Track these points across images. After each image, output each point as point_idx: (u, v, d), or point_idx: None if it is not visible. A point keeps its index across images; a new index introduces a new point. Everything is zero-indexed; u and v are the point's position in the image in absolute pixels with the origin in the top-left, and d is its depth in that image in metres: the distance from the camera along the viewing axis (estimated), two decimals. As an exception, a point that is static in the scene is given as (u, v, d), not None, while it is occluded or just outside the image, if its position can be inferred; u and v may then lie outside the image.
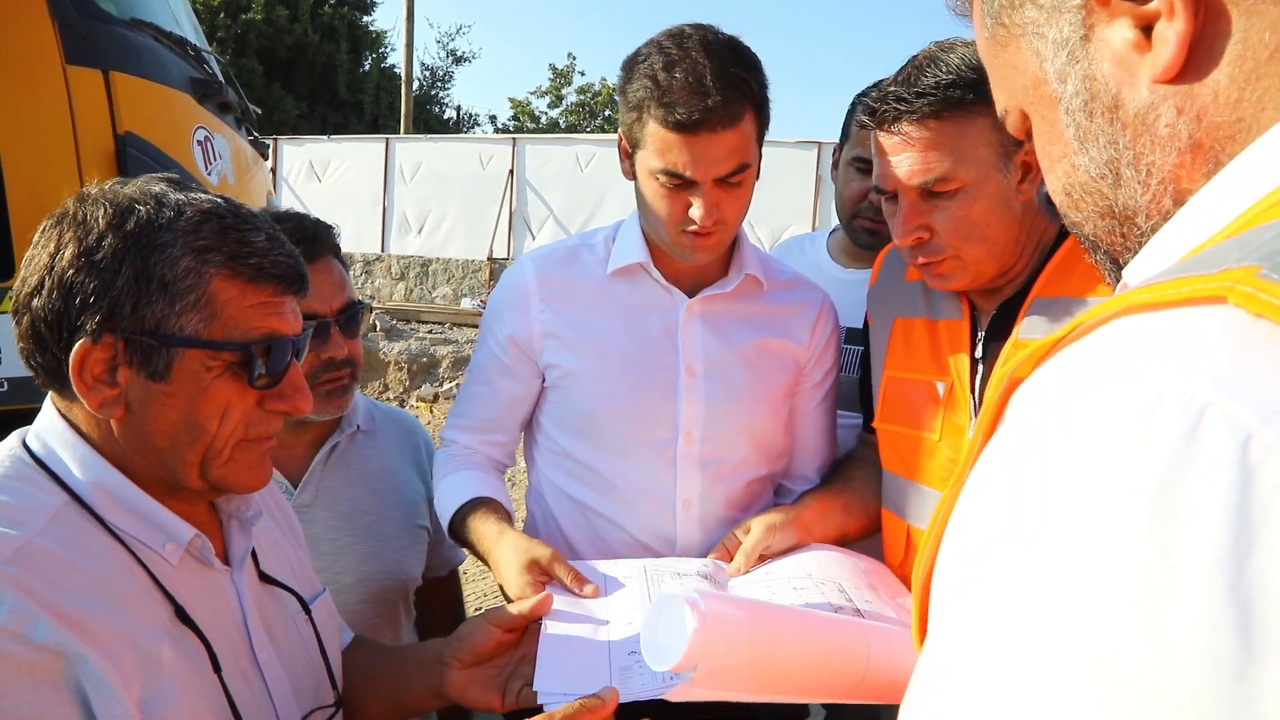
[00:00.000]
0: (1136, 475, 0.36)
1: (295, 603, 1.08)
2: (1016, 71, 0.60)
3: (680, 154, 1.28)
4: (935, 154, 1.21)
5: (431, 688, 1.15)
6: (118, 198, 0.87)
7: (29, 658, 0.74)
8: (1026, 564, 0.39)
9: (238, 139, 3.28)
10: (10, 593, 0.75)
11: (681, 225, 1.34)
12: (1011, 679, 0.37)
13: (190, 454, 0.89)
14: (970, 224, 1.23)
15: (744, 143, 1.30)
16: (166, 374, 0.86)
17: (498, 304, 1.55)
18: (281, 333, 0.91)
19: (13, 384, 2.28)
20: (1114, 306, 0.44)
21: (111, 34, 2.47)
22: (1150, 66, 0.51)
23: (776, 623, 1.02)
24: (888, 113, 1.23)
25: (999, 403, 0.48)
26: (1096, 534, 0.36)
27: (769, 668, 0.97)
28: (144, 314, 0.85)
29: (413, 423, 1.78)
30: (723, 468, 1.46)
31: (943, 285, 1.33)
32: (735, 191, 1.33)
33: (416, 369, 8.84)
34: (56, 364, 0.86)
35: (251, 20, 19.61)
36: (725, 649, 0.91)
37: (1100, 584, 0.35)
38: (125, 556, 0.87)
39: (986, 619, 0.40)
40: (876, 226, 1.82)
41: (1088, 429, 0.39)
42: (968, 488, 0.46)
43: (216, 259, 0.87)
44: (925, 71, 1.21)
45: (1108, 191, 0.57)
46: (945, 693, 0.42)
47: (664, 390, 1.44)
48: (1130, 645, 0.34)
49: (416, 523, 1.65)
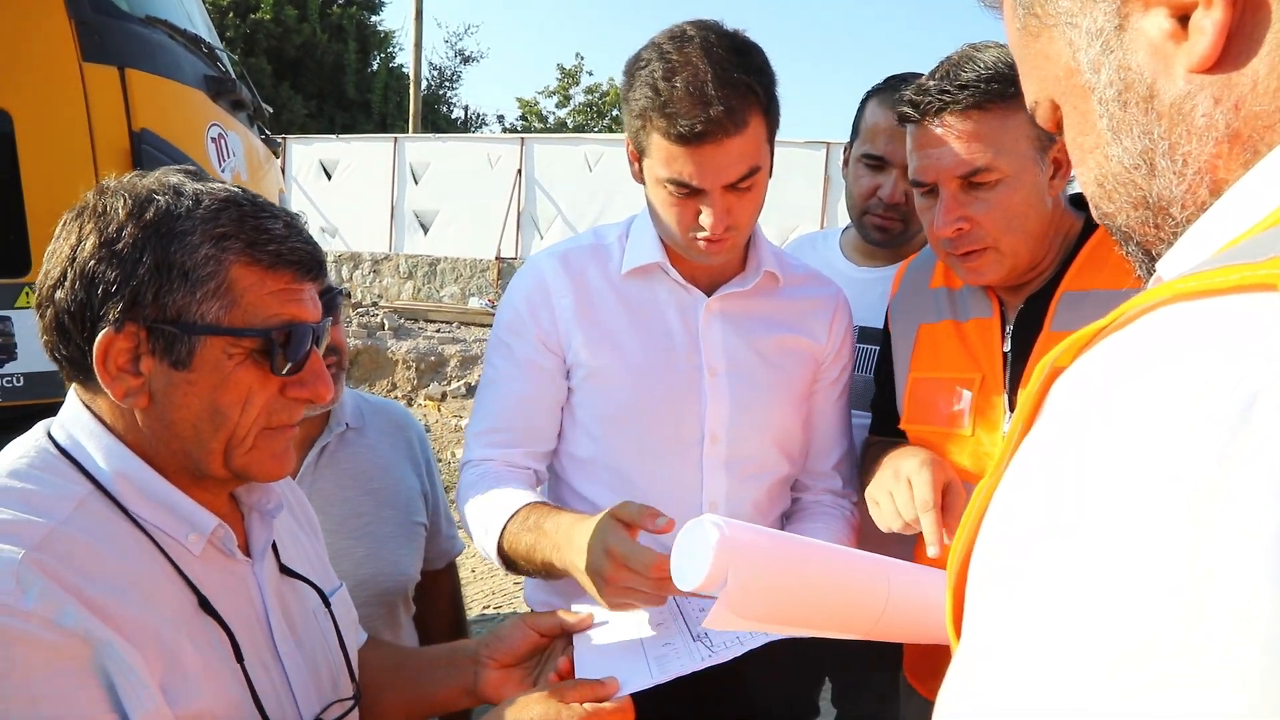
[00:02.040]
0: (1186, 459, 0.35)
1: (315, 596, 1.08)
2: (1048, 62, 0.60)
3: (685, 164, 1.25)
4: (978, 145, 1.24)
5: (464, 687, 1.16)
6: (136, 189, 0.88)
7: (57, 643, 0.75)
8: (1071, 553, 0.38)
9: (251, 136, 3.30)
10: (39, 579, 0.75)
11: (692, 232, 1.32)
12: (1053, 668, 0.37)
13: (214, 442, 0.90)
14: (1011, 214, 1.26)
15: (752, 147, 1.27)
16: (189, 362, 0.87)
17: (518, 305, 1.47)
18: (301, 319, 0.92)
19: (29, 379, 2.29)
20: (1159, 295, 0.44)
21: (127, 31, 2.48)
22: (1187, 56, 0.51)
23: (798, 547, 1.04)
24: (931, 104, 1.26)
25: (1039, 392, 0.48)
26: (1144, 518, 0.36)
27: (791, 591, 0.98)
28: (165, 302, 0.85)
29: (403, 414, 1.74)
30: (748, 468, 1.45)
31: (977, 279, 1.34)
32: (746, 195, 1.31)
33: (424, 368, 8.86)
34: (80, 355, 0.87)
35: (260, 20, 19.70)
36: (748, 565, 0.93)
37: (1145, 570, 0.35)
38: (148, 546, 0.88)
39: (1031, 607, 0.39)
40: (886, 223, 1.82)
41: (1135, 414, 0.38)
42: (1008, 477, 0.46)
43: (235, 246, 0.87)
44: (964, 67, 1.24)
45: (1142, 182, 0.56)
46: (986, 682, 0.41)
47: (688, 391, 1.42)
48: (1175, 632, 0.34)
49: (413, 520, 1.62)
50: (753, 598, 0.94)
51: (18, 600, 0.74)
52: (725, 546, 0.91)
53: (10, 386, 2.27)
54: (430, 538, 1.68)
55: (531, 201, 13.64)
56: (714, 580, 0.91)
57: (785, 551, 1.01)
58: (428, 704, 1.21)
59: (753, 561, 0.94)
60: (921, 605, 1.05)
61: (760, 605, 0.95)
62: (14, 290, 2.25)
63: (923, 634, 1.09)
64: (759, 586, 0.95)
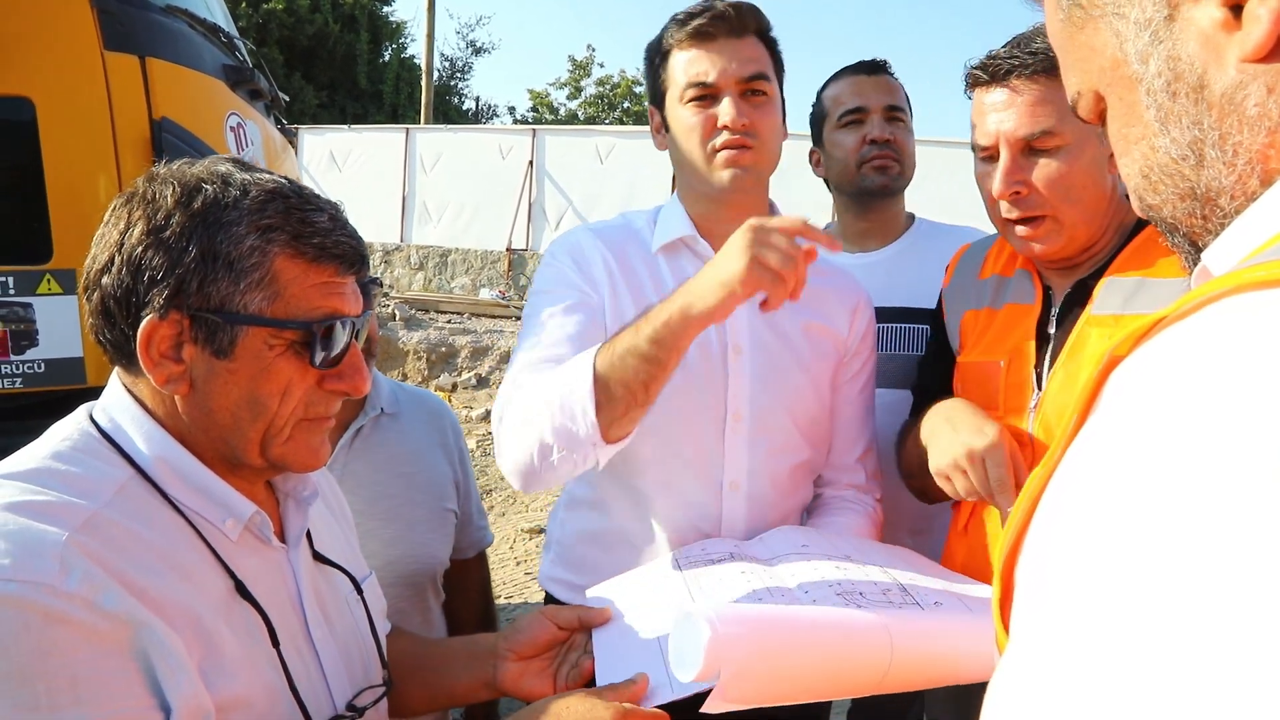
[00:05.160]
0: (1261, 444, 0.35)
1: (348, 583, 1.09)
2: (1094, 53, 0.60)
3: (700, 62, 1.40)
4: (1043, 108, 1.27)
5: (484, 679, 1.16)
6: (185, 177, 0.88)
7: (98, 625, 0.75)
8: (1137, 559, 0.37)
9: (268, 125, 3.30)
10: (81, 560, 0.76)
11: (714, 140, 1.39)
12: (1124, 661, 0.36)
13: (252, 431, 0.90)
14: (1069, 183, 1.28)
15: (759, 55, 1.41)
16: (230, 351, 0.87)
17: (561, 260, 1.48)
18: (343, 312, 0.92)
19: (50, 365, 2.31)
20: (1223, 285, 0.43)
21: (148, 20, 2.49)
22: (1240, 46, 0.50)
23: (791, 625, 1.04)
24: (1000, 67, 1.30)
25: (1097, 381, 0.48)
26: (1218, 505, 0.35)
27: (789, 671, 1.00)
28: (210, 291, 0.86)
29: (439, 404, 1.77)
30: (770, 447, 1.46)
31: (1033, 250, 1.35)
32: (761, 107, 1.40)
33: (435, 358, 8.88)
34: (124, 339, 0.88)
35: (273, 10, 19.71)
36: (742, 656, 0.95)
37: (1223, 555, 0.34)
38: (187, 530, 0.88)
39: (1095, 613, 0.38)
40: (884, 162, 1.92)
41: (1208, 405, 0.38)
42: (1064, 468, 0.45)
43: (281, 238, 0.88)
44: (1035, 39, 1.28)
45: (1189, 173, 0.56)
46: (1050, 695, 0.40)
47: (713, 369, 1.44)
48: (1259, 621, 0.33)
49: (444, 506, 1.64)
50: (749, 684, 0.96)
51: (61, 581, 0.74)
52: (715, 644, 0.94)
53: (32, 373, 2.29)
54: (461, 526, 1.69)
55: (542, 193, 13.63)
56: (708, 674, 0.94)
57: (779, 633, 1.02)
58: (447, 695, 1.22)
59: (746, 652, 0.96)
60: (928, 654, 1.06)
61: (758, 689, 0.97)
62: (35, 277, 2.26)
63: (935, 680, 1.09)
64: (755, 674, 0.97)
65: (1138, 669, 0.35)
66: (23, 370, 2.28)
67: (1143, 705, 0.35)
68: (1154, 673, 0.35)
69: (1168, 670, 0.34)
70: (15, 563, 0.73)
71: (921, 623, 1.09)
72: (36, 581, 0.73)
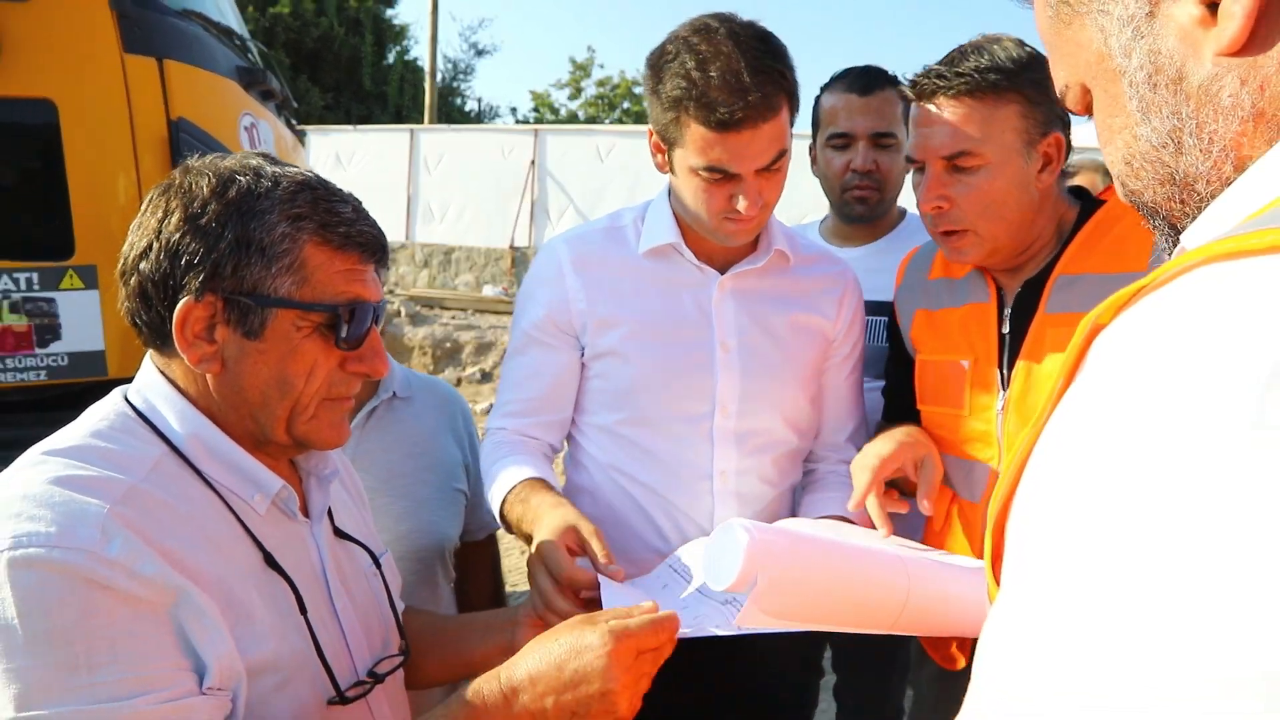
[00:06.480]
0: (1236, 402, 0.37)
1: (366, 557, 1.14)
2: (1080, 48, 0.63)
3: (723, 151, 1.31)
4: (964, 129, 1.30)
5: (502, 646, 1.19)
6: (219, 169, 0.94)
7: (137, 591, 0.79)
8: (1118, 512, 0.39)
9: (279, 125, 3.36)
10: (121, 530, 0.80)
11: (725, 214, 1.38)
12: (1114, 614, 0.38)
13: (279, 409, 0.95)
14: (988, 200, 1.31)
15: (781, 130, 1.34)
16: (261, 332, 0.92)
17: (532, 285, 1.56)
18: (364, 298, 0.97)
19: (73, 358, 2.37)
20: (1197, 256, 0.46)
21: (165, 24, 2.55)
22: (1215, 41, 0.53)
23: (823, 548, 1.09)
24: (927, 86, 1.32)
25: (1080, 348, 0.51)
26: (1197, 464, 0.37)
27: (816, 590, 1.04)
28: (243, 275, 0.91)
29: (450, 391, 1.80)
30: (757, 441, 1.50)
31: (958, 258, 1.40)
32: (775, 176, 1.38)
33: (440, 354, 8.93)
34: (160, 321, 0.93)
35: (279, 14, 19.78)
36: (777, 567, 0.99)
37: (1204, 510, 0.37)
38: (218, 504, 0.93)
39: (1079, 567, 0.41)
40: (865, 194, 1.94)
41: (1182, 364, 0.40)
42: (1050, 431, 0.48)
43: (309, 226, 0.93)
44: (969, 56, 1.30)
45: (1169, 160, 0.59)
46: (1039, 634, 0.42)
47: (701, 366, 1.48)
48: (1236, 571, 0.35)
49: (453, 486, 1.68)
50: (781, 597, 0.99)
51: (103, 549, 0.78)
52: (755, 549, 0.97)
53: (55, 365, 2.35)
54: (472, 509, 1.73)
55: (544, 192, 13.67)
56: (744, 580, 0.97)
57: (811, 553, 1.05)
58: (467, 664, 1.24)
59: (781, 563, 0.99)
60: (940, 601, 1.10)
61: (788, 603, 1.00)
62: (58, 273, 2.32)
63: (943, 628, 1.13)
64: (786, 586, 1.00)
65: (1118, 612, 0.38)
66: (47, 363, 2.34)
67: (1122, 651, 0.38)
68: (1133, 614, 0.37)
69: (1146, 610, 0.37)
70: (60, 531, 0.77)
71: (933, 566, 1.13)
72: (80, 549, 0.76)
